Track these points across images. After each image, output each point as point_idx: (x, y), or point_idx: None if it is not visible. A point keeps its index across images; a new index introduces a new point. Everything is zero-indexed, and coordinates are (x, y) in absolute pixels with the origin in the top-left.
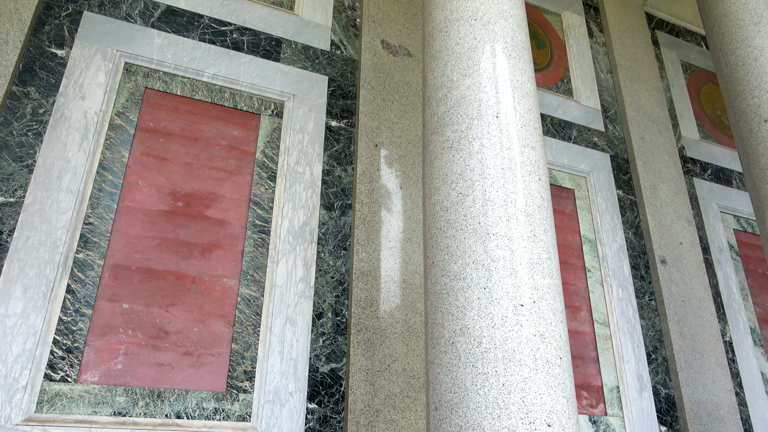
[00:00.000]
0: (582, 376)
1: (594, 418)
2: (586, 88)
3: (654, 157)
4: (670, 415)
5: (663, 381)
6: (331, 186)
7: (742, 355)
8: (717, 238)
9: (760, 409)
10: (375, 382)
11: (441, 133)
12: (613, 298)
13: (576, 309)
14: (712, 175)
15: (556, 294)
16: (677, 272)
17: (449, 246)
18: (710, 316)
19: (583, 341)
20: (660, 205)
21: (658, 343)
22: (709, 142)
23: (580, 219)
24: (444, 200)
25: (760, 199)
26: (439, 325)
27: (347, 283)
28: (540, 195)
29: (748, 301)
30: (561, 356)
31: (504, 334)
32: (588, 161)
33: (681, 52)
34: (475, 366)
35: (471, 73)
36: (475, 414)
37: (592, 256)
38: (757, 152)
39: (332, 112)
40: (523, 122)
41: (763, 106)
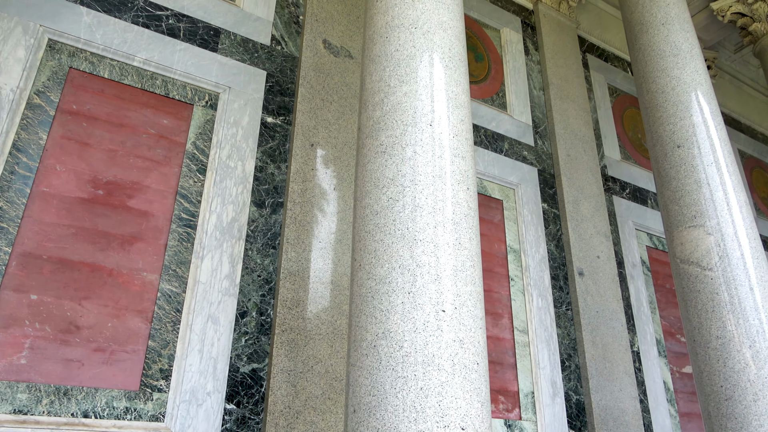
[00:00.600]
0: (500, 382)
1: (509, 423)
2: (520, 104)
3: (578, 174)
4: (580, 420)
5: (575, 387)
6: (263, 183)
7: (647, 365)
8: (631, 253)
9: (661, 416)
10: (297, 383)
11: (375, 137)
12: (533, 307)
13: (498, 316)
14: (630, 194)
15: (477, 301)
16: (593, 284)
17: (377, 250)
18: (621, 327)
19: (503, 347)
20: (581, 219)
21: (572, 351)
22: (629, 163)
23: (506, 229)
24: (374, 204)
25: (669, 219)
26: (362, 328)
27: (274, 282)
28: (468, 204)
29: (655, 314)
30: (478, 362)
31: (425, 338)
32: (517, 174)
33: (608, 76)
34: (395, 369)
35: (408, 80)
36: (392, 417)
37: (516, 265)
38: (669, 175)
39: (269, 108)
40: (456, 132)
41: (677, 133)
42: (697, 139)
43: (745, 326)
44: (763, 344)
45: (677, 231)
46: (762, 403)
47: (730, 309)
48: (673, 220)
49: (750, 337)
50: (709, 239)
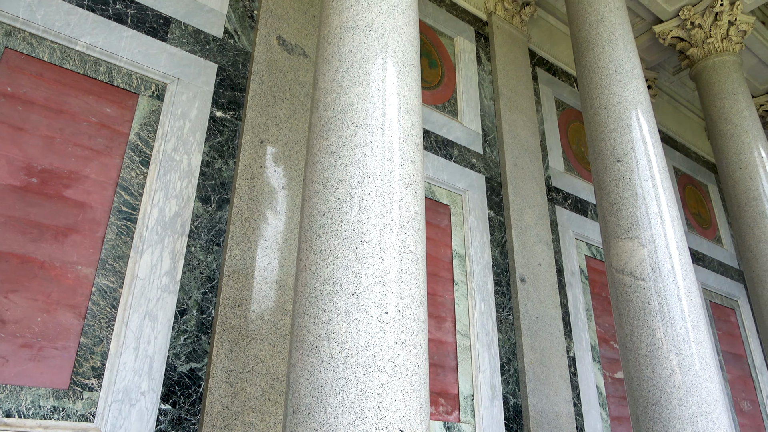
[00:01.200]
0: (441, 384)
1: (448, 425)
2: (470, 112)
3: (523, 183)
4: (517, 423)
5: (513, 391)
6: (209, 178)
7: (582, 370)
8: (570, 262)
9: (593, 419)
10: (236, 383)
11: (326, 137)
12: (476, 311)
13: (442, 320)
14: (572, 205)
15: (421, 304)
16: (534, 291)
17: (322, 250)
18: (559, 332)
19: (445, 350)
20: (525, 227)
21: (512, 355)
22: (572, 175)
23: (453, 234)
24: (322, 204)
25: (607, 230)
26: (304, 329)
27: (217, 280)
28: (415, 208)
29: (591, 321)
30: (419, 364)
31: (367, 340)
32: (465, 180)
33: (556, 90)
34: (336, 371)
35: (361, 82)
36: (331, 419)
37: (461, 270)
38: (608, 188)
39: (218, 102)
40: (406, 136)
41: (617, 148)
42: (635, 155)
43: (673, 334)
44: (689, 352)
45: (614, 242)
46: (686, 407)
47: (660, 318)
48: (610, 231)
49: (677, 344)
50: (643, 251)
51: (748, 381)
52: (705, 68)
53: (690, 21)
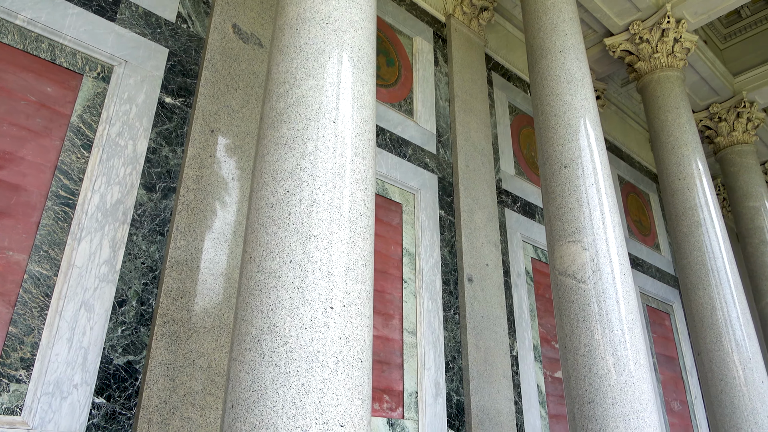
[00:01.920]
0: (386, 381)
1: (392, 421)
2: (426, 112)
3: (475, 185)
4: (459, 420)
5: (456, 388)
6: (155, 166)
7: (524, 369)
8: (517, 263)
9: (533, 417)
10: (176, 377)
11: (277, 129)
12: (423, 310)
13: (389, 317)
14: (520, 208)
15: (366, 300)
16: (481, 290)
17: (269, 243)
18: (503, 332)
19: (391, 348)
20: (474, 228)
21: (457, 353)
22: (522, 179)
23: (404, 232)
24: (270, 196)
25: (552, 233)
26: (247, 322)
27: (159, 270)
28: (364, 204)
29: (534, 322)
30: (362, 359)
31: (311, 335)
32: (418, 179)
33: (509, 95)
34: (277, 365)
35: (315, 75)
36: (271, 413)
37: (411, 268)
38: (555, 192)
39: (168, 87)
40: (359, 131)
41: (565, 154)
42: (581, 161)
43: (610, 336)
44: (624, 353)
45: (558, 245)
46: (619, 406)
47: (599, 319)
48: (555, 235)
49: (613, 345)
50: (585, 254)
51: (679, 382)
52: (651, 82)
53: (639, 36)
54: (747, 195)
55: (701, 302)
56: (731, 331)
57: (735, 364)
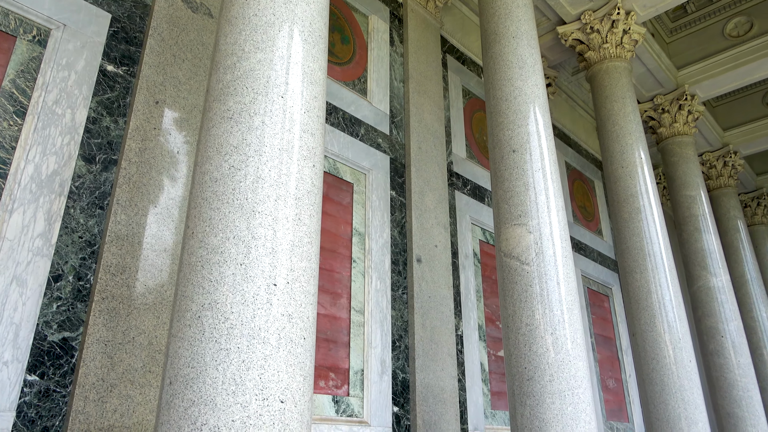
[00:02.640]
0: (333, 359)
1: (337, 398)
2: (380, 92)
3: (426, 167)
4: (403, 397)
5: (402, 366)
6: (95, 136)
7: (468, 348)
8: (465, 245)
9: (475, 394)
10: (114, 354)
11: (223, 102)
12: (371, 289)
13: (337, 296)
14: (470, 191)
15: (311, 277)
16: (429, 271)
17: (212, 218)
18: (449, 312)
19: (339, 326)
20: (424, 210)
21: (404, 332)
22: (473, 162)
23: (354, 212)
24: (215, 171)
25: (499, 216)
26: (188, 298)
27: (98, 245)
28: (312, 181)
29: (480, 302)
30: (305, 337)
31: (253, 311)
32: (370, 160)
33: (464, 79)
34: (218, 342)
35: (264, 48)
36: (210, 390)
37: (360, 248)
38: (503, 176)
39: (110, 55)
40: (308, 108)
41: (514, 138)
42: (530, 147)
43: (550, 316)
44: (562, 332)
45: (504, 227)
46: (556, 383)
47: (540, 300)
48: (502, 217)
49: (552, 325)
50: (530, 237)
51: (615, 361)
52: (599, 71)
53: (590, 25)
54: (685, 184)
55: (638, 285)
56: (664, 313)
57: (666, 345)
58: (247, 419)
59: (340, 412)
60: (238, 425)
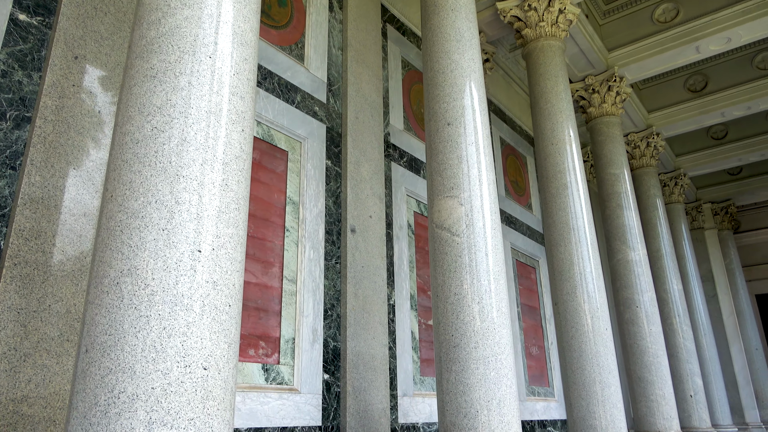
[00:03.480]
0: (263, 328)
1: (267, 367)
2: (317, 58)
3: (363, 137)
4: (334, 365)
5: (334, 335)
6: (6, 91)
7: (400, 317)
8: (400, 216)
9: (406, 361)
10: (28, 323)
11: (147, 59)
12: (304, 258)
13: (269, 264)
14: (407, 163)
15: (238, 244)
16: (363, 241)
17: (132, 181)
18: (382, 282)
19: (270, 295)
20: (360, 180)
21: (336, 301)
22: (410, 134)
23: (288, 181)
24: (136, 132)
25: (432, 188)
26: (106, 264)
27: (9, 208)
28: (241, 146)
29: (413, 273)
30: (231, 304)
31: (176, 278)
32: (306, 128)
33: (403, 50)
34: (138, 309)
35: (192, 4)
36: (129, 357)
37: (294, 217)
38: (438, 149)
39: (22, 3)
40: (237, 70)
41: (449, 111)
42: (464, 120)
43: (477, 285)
44: (489, 301)
45: (437, 199)
46: (481, 349)
47: (469, 270)
48: (435, 189)
49: (479, 295)
50: (461, 209)
51: (539, 330)
52: (535, 49)
53: (528, 3)
54: (610, 163)
55: (562, 258)
56: (585, 284)
57: (585, 314)
58: (168, 386)
59: (270, 380)
60: (159, 392)
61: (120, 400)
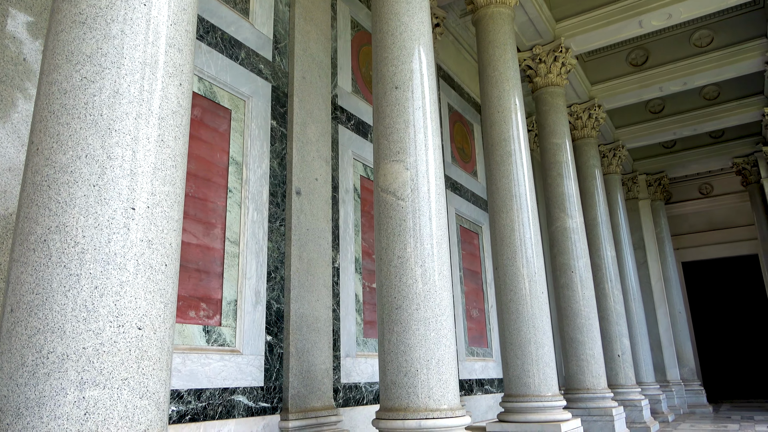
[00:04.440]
0: (205, 289)
1: (208, 328)
2: (263, 14)
3: (310, 98)
4: (277, 327)
5: (277, 297)
6: None
7: (344, 279)
8: (346, 180)
9: (349, 323)
10: None
11: (75, 4)
12: (248, 220)
13: (211, 226)
14: (354, 126)
15: (174, 203)
16: (308, 204)
17: (60, 134)
18: (327, 245)
19: (212, 257)
20: (306, 142)
21: (280, 263)
22: (358, 97)
23: (231, 140)
24: (64, 81)
25: (379, 152)
26: (32, 220)
27: None
28: (178, 101)
29: (358, 236)
30: (167, 263)
31: (108, 236)
32: (250, 86)
33: (353, 10)
34: (67, 267)
35: None
36: (58, 317)
37: (237, 177)
38: (385, 112)
39: None
40: (175, 20)
41: (397, 75)
42: (412, 84)
43: (420, 249)
44: (431, 265)
45: (383, 163)
46: (422, 311)
47: (412, 234)
48: (381, 153)
49: (422, 258)
50: (406, 173)
51: (480, 293)
52: (484, 16)
53: None
54: (553, 132)
55: (503, 224)
56: (524, 249)
57: (524, 278)
58: (101, 346)
59: (211, 342)
60: (90, 352)
61: (49, 360)
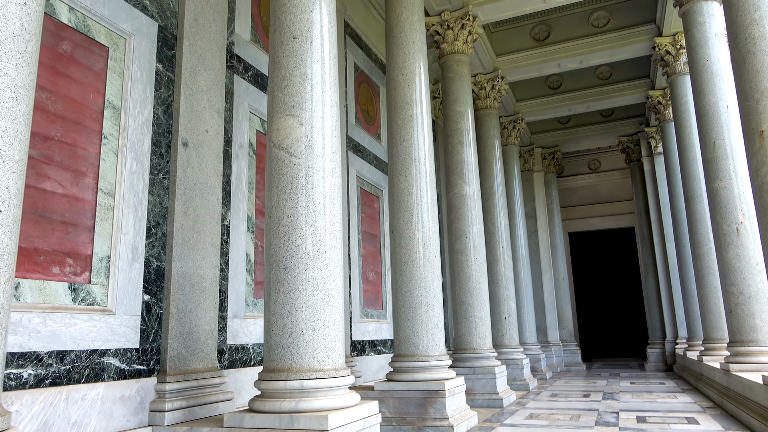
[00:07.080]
0: (72, 244)
1: (75, 286)
2: None
3: (203, 43)
4: (156, 286)
5: (157, 254)
6: None
7: (235, 238)
8: (241, 134)
9: (238, 283)
10: None
11: None
12: (125, 170)
13: (81, 174)
14: (252, 78)
15: (15, 140)
16: (196, 157)
17: None
18: (216, 201)
19: (81, 208)
20: (196, 90)
21: (162, 219)
22: (257, 47)
23: (108, 81)
24: None
25: (273, 105)
26: None
27: None
28: (22, 23)
29: (252, 194)
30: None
31: None
32: (133, 23)
33: None
34: None
35: None
36: None
37: (113, 123)
38: (281, 63)
39: None
40: None
41: (296, 24)
42: (311, 36)
43: (312, 208)
44: (322, 224)
45: (276, 117)
46: (311, 271)
47: (304, 192)
48: (275, 107)
49: (313, 217)
50: (301, 129)
51: (377, 256)
52: None
53: None
54: (456, 100)
55: (402, 188)
56: (420, 213)
57: (418, 242)
58: None
59: (78, 301)
60: None
61: None
